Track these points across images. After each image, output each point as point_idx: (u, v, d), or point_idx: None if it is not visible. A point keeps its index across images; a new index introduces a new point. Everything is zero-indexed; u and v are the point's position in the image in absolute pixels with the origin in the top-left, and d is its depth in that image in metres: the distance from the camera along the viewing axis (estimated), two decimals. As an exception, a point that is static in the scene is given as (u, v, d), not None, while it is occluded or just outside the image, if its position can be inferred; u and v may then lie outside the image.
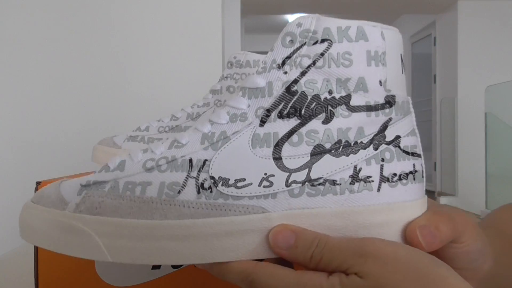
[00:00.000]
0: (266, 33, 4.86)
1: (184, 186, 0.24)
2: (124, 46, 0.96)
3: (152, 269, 0.36)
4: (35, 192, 0.35)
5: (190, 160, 0.25)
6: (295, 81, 0.25)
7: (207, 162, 0.25)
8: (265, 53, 0.60)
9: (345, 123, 0.25)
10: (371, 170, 0.25)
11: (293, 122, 0.25)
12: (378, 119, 0.26)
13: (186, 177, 0.25)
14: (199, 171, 0.25)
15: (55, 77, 0.94)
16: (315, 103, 0.25)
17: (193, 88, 0.95)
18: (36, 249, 0.36)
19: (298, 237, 0.24)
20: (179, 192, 0.24)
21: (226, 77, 0.59)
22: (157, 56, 0.96)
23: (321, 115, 0.25)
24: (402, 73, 0.28)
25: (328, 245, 0.24)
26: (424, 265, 0.23)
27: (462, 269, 0.27)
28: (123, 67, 0.96)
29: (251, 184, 0.24)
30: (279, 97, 0.25)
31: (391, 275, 0.22)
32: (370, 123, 0.26)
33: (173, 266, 0.36)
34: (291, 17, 4.04)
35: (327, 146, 0.25)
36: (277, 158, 0.25)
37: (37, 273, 0.36)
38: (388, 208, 0.25)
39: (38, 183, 0.37)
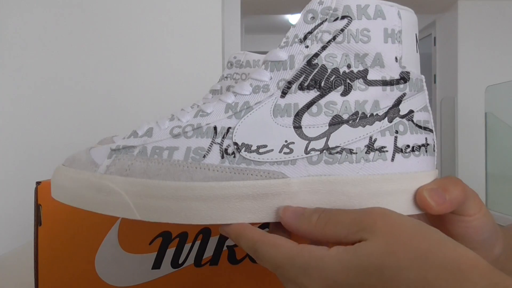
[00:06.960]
0: (266, 33, 4.82)
1: (209, 151, 0.26)
2: (124, 46, 0.96)
3: (152, 269, 0.36)
4: (35, 192, 0.36)
5: (215, 128, 0.26)
6: (316, 55, 0.27)
7: (230, 130, 0.26)
8: (265, 53, 0.61)
9: (362, 96, 0.27)
10: (386, 141, 0.27)
11: (313, 93, 0.26)
12: (393, 93, 0.27)
13: (211, 143, 0.26)
14: (223, 137, 0.26)
15: (55, 78, 0.95)
16: (334, 76, 0.27)
17: (193, 88, 0.96)
18: (36, 249, 0.36)
19: (305, 209, 0.26)
20: (204, 156, 0.26)
21: (226, 77, 0.59)
22: (157, 56, 0.97)
23: (339, 87, 0.27)
24: (417, 52, 0.29)
25: (333, 210, 0.25)
26: (430, 232, 0.23)
27: (473, 249, 0.28)
28: (123, 67, 0.96)
29: (272, 150, 0.26)
30: (300, 69, 0.27)
31: (400, 234, 0.22)
32: (385, 97, 0.27)
33: (174, 266, 0.36)
34: (291, 17, 4.02)
35: (345, 117, 0.26)
36: (297, 127, 0.26)
37: (37, 273, 0.36)
38: (401, 177, 0.27)
39: (38, 183, 0.36)
